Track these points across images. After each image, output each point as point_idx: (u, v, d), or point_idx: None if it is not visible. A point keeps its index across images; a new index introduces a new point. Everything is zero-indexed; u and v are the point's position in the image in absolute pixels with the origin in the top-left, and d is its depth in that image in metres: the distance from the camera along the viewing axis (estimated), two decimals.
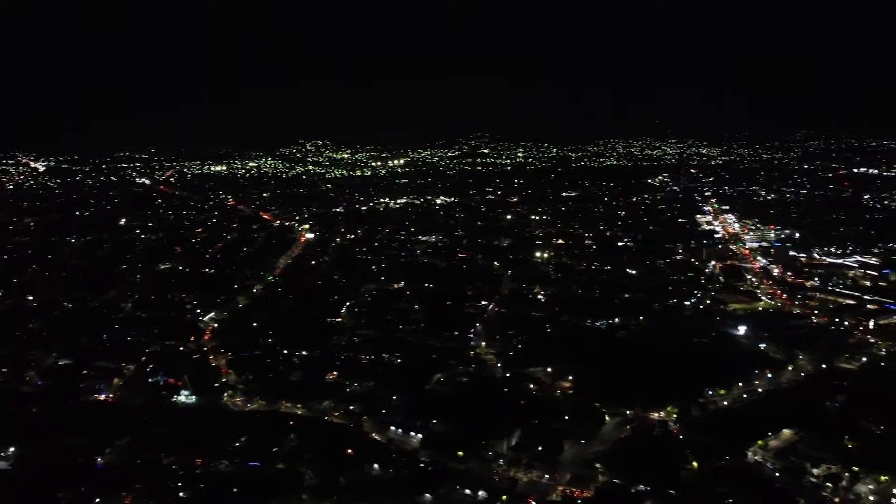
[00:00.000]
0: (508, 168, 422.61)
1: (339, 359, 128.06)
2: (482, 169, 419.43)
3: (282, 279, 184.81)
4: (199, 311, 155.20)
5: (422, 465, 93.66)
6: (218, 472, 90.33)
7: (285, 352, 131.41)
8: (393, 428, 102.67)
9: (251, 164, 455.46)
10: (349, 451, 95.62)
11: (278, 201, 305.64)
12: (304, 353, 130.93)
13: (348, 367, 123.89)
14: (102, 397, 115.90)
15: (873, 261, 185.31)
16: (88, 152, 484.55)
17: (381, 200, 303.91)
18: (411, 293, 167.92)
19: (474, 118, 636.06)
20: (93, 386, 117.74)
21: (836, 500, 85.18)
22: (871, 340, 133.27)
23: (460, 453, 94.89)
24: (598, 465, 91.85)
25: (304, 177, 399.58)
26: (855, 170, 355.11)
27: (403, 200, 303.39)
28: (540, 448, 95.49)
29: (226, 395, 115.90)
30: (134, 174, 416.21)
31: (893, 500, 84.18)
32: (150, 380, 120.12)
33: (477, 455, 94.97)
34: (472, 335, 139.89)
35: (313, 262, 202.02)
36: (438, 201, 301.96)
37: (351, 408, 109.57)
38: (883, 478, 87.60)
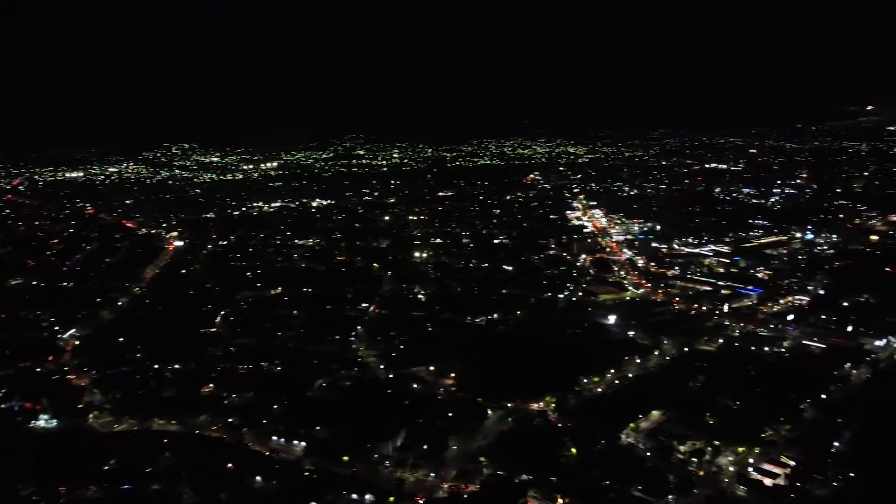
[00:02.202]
0: (385, 169, 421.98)
1: (216, 370, 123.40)
2: (358, 170, 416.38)
3: (149, 290, 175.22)
4: (57, 328, 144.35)
5: (306, 473, 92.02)
6: (86, 498, 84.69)
7: (156, 366, 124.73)
8: (275, 438, 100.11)
9: (111, 169, 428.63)
10: (229, 465, 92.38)
11: (143, 208, 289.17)
12: (176, 366, 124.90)
13: (225, 379, 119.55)
14: None
15: (725, 249, 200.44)
16: None
17: (255, 204, 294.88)
18: (289, 298, 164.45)
19: (348, 119, 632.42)
20: None
21: (701, 473, 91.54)
22: (726, 323, 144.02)
23: (346, 458, 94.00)
24: (482, 459, 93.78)
25: (170, 182, 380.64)
26: (707, 165, 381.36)
27: (278, 204, 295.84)
28: (425, 446, 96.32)
29: (91, 416, 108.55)
30: None
31: (750, 469, 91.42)
32: (2, 405, 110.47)
33: (363, 458, 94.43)
34: (353, 338, 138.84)
35: (184, 271, 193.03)
36: (314, 204, 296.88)
37: (230, 420, 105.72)
38: (741, 449, 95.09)
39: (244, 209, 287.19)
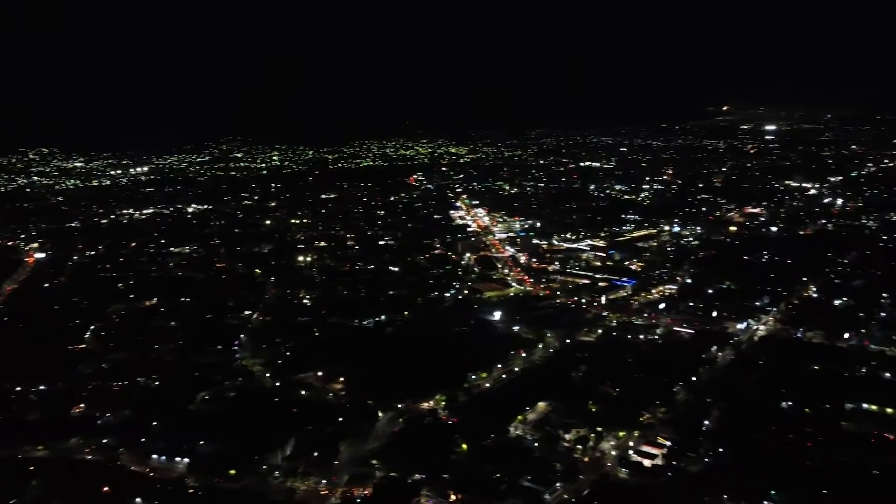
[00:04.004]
0: (264, 172, 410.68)
1: (87, 389, 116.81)
2: (236, 174, 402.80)
3: (7, 307, 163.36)
4: None
5: (191, 490, 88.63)
6: None
7: (18, 389, 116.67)
8: (155, 456, 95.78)
9: None
10: (106, 488, 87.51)
11: None
12: (42, 387, 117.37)
13: (98, 397, 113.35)
14: None
15: (601, 243, 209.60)
16: None
17: (125, 212, 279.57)
18: (166, 309, 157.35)
19: (223, 121, 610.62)
20: None
21: (586, 459, 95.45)
22: (604, 314, 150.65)
23: (232, 472, 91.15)
24: (374, 462, 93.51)
25: (28, 189, 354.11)
26: (581, 164, 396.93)
27: (150, 210, 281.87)
28: (316, 454, 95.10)
29: None
30: None
31: (630, 452, 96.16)
32: None
33: (251, 470, 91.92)
34: (236, 347, 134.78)
35: (47, 285, 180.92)
36: (190, 209, 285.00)
37: (104, 441, 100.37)
38: (621, 433, 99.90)
39: (113, 217, 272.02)
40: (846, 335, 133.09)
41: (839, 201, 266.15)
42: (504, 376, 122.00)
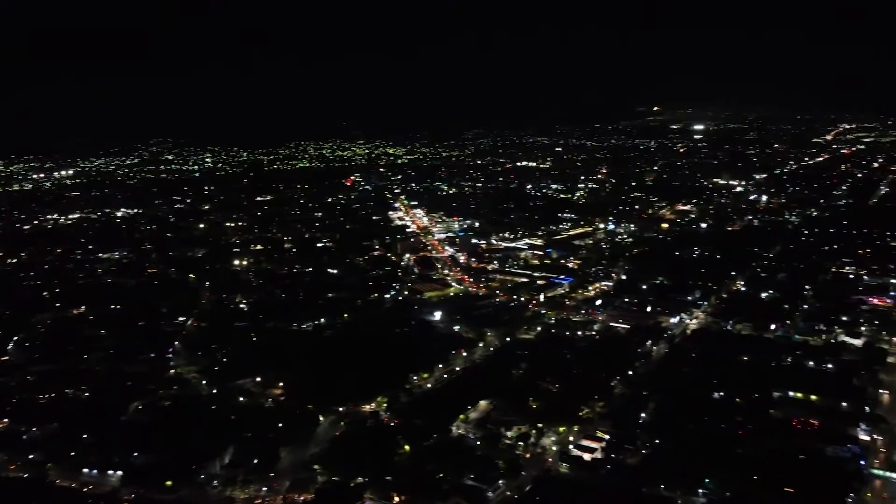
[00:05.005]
0: (197, 175, 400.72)
1: (10, 403, 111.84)
2: (167, 177, 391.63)
3: None
4: None
5: None
6: None
7: None
8: (86, 470, 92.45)
9: None
10: None
11: None
12: None
13: (23, 411, 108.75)
14: None
15: (539, 242, 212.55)
16: None
17: (49, 217, 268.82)
18: (95, 318, 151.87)
19: (152, 122, 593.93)
20: None
21: (528, 455, 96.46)
22: (543, 311, 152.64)
23: (169, 483, 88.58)
24: (316, 467, 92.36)
25: None
26: (518, 164, 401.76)
27: (77, 215, 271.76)
28: (256, 461, 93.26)
29: None
30: None
31: (571, 447, 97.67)
32: None
33: (188, 481, 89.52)
34: (170, 355, 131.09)
35: None
36: (119, 214, 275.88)
37: (31, 457, 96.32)
38: (561, 429, 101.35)
39: (36, 222, 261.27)
40: (772, 326, 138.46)
41: (764, 198, 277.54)
42: (445, 376, 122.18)
